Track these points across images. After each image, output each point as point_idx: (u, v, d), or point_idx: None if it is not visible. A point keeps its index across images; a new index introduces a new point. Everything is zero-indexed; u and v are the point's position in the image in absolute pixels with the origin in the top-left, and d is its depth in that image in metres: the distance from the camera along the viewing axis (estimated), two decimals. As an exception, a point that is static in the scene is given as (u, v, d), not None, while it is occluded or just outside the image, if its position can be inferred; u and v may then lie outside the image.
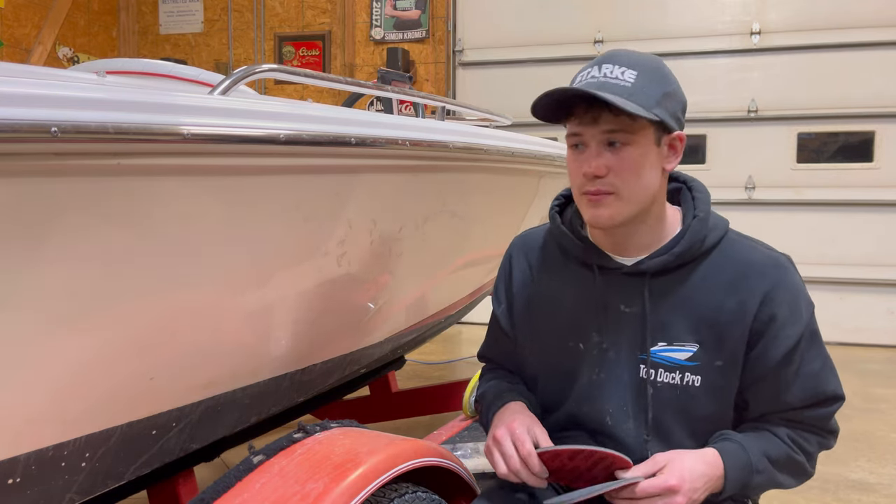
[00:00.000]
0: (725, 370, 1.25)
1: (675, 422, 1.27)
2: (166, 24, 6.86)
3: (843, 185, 5.36)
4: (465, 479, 1.51)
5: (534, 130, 2.51)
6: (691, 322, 1.25)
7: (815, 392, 1.28)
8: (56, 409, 1.08)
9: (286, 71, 1.44)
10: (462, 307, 2.75)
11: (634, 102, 1.15)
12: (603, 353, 1.30)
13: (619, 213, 1.21)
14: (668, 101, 1.20)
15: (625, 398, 1.29)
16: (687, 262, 1.26)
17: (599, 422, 1.31)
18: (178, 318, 1.22)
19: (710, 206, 1.29)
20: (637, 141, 1.18)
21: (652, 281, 1.27)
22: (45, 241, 0.95)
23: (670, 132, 1.22)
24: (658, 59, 1.25)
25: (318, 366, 1.73)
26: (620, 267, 1.28)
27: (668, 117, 1.19)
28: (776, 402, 1.29)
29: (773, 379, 1.26)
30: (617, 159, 1.18)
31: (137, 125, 0.95)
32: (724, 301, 1.24)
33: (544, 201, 2.71)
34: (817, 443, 1.31)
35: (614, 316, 1.29)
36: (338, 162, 1.39)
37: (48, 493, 1.12)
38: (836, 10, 5.28)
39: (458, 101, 4.80)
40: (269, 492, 1.22)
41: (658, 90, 1.19)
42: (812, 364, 1.27)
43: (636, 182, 1.19)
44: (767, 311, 1.23)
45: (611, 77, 1.18)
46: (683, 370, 1.26)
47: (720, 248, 1.27)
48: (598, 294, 1.30)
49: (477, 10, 6.09)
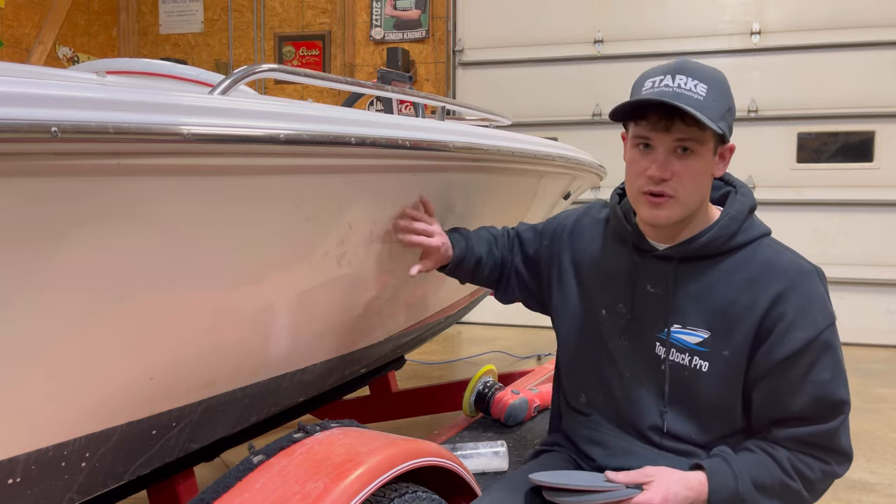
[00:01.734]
0: (731, 361, 1.31)
1: (684, 401, 1.35)
2: (166, 24, 6.86)
3: (843, 185, 5.36)
4: (465, 479, 1.51)
5: (534, 130, 2.51)
6: (706, 310, 1.33)
7: (819, 401, 1.28)
8: (56, 409, 1.08)
9: (286, 71, 1.44)
10: (462, 307, 2.75)
11: (706, 115, 1.23)
12: (627, 324, 1.42)
13: (675, 215, 1.32)
14: (730, 115, 1.30)
15: (641, 369, 1.39)
16: (714, 255, 1.35)
17: (619, 382, 1.42)
18: (178, 318, 1.22)
19: (748, 207, 1.38)
20: (702, 151, 1.28)
21: (679, 266, 1.37)
22: (45, 241, 0.95)
23: (726, 143, 1.32)
24: (722, 73, 1.33)
25: (318, 366, 1.73)
26: (653, 250, 1.39)
27: (727, 130, 1.29)
28: (779, 406, 1.30)
29: (776, 379, 1.29)
30: (683, 166, 1.28)
31: (137, 125, 0.95)
32: (738, 296, 1.31)
33: (544, 201, 2.72)
34: (820, 469, 1.30)
35: (641, 293, 1.40)
36: (338, 162, 1.39)
37: (48, 493, 1.12)
38: (836, 10, 5.28)
39: (458, 101, 4.80)
40: (269, 492, 1.22)
41: (724, 104, 1.28)
42: (821, 374, 1.28)
43: (694, 188, 1.30)
44: (777, 311, 1.28)
45: (685, 89, 1.26)
46: (693, 353, 1.34)
47: (750, 248, 1.35)
48: (630, 271, 1.42)
49: (477, 10, 6.09)
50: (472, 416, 2.32)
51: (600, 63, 5.79)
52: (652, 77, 1.31)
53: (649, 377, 1.38)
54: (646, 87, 1.30)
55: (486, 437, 2.07)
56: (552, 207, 2.93)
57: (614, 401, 1.42)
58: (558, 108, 5.87)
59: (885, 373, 4.58)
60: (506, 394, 2.27)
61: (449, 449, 1.68)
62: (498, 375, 2.42)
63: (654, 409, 1.37)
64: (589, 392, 1.48)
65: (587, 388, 1.48)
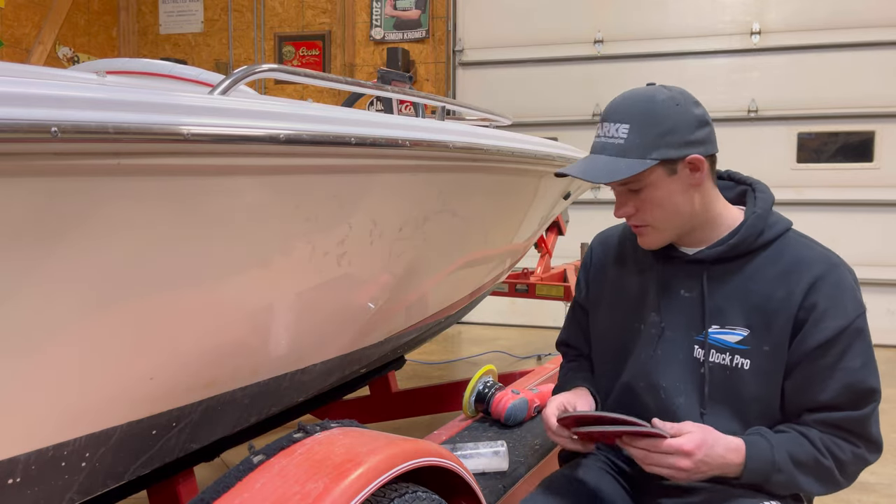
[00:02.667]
0: (772, 356, 1.32)
1: (726, 401, 1.36)
2: (166, 24, 6.86)
3: (843, 185, 5.37)
4: (465, 479, 1.51)
5: (534, 130, 2.51)
6: (743, 308, 1.35)
7: (849, 389, 1.29)
8: (56, 409, 1.08)
9: (286, 71, 1.44)
10: (462, 307, 2.75)
11: (630, 157, 1.29)
12: (661, 333, 1.42)
13: (661, 238, 1.39)
14: (668, 137, 1.30)
15: (679, 376, 1.39)
16: (743, 254, 1.37)
17: (654, 396, 1.42)
18: (179, 318, 1.22)
19: (770, 204, 1.41)
20: (649, 183, 1.32)
21: (710, 268, 1.39)
22: (45, 241, 0.95)
23: (681, 159, 1.31)
24: (651, 96, 1.33)
25: (318, 366, 1.73)
26: (683, 256, 1.41)
27: (670, 152, 1.30)
28: (810, 395, 1.31)
29: (809, 368, 1.31)
30: (639, 201, 1.35)
31: (137, 125, 0.95)
32: (774, 290, 1.33)
33: (544, 201, 2.72)
34: (851, 452, 1.30)
35: (675, 299, 1.42)
36: (338, 162, 1.39)
37: (48, 493, 1.12)
38: (836, 10, 5.29)
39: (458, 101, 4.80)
40: (269, 492, 1.22)
41: (652, 134, 1.30)
42: (852, 362, 1.30)
43: (663, 213, 1.35)
44: (810, 300, 1.30)
45: (608, 137, 1.33)
46: (733, 352, 1.35)
47: (778, 243, 1.37)
48: (661, 279, 1.43)
49: (477, 10, 6.09)
50: (472, 416, 2.32)
51: (600, 63, 5.80)
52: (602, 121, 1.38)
53: (688, 383, 1.39)
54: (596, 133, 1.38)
55: (486, 437, 2.07)
56: (552, 207, 2.93)
57: (652, 414, 1.37)
58: (558, 108, 5.87)
59: (886, 373, 4.56)
60: (506, 394, 2.26)
61: (449, 449, 1.68)
62: (498, 375, 2.41)
63: (695, 414, 1.37)
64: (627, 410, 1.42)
65: (625, 407, 1.45)
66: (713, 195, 1.38)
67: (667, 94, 1.33)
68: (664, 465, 1.26)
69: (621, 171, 1.29)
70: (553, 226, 4.30)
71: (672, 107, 1.31)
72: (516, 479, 1.88)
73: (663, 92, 1.33)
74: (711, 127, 1.35)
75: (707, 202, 1.37)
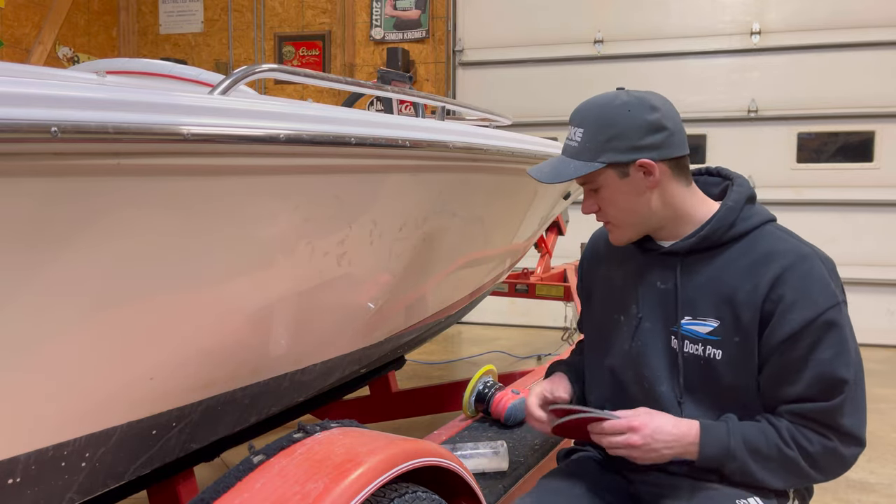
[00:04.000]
0: (743, 347, 1.35)
1: (702, 389, 1.39)
2: (166, 24, 6.86)
3: (843, 185, 5.37)
4: (465, 479, 1.51)
5: (534, 130, 2.51)
6: (714, 299, 1.38)
7: (820, 380, 1.30)
8: (56, 409, 1.08)
9: (286, 71, 1.44)
10: (462, 307, 2.75)
11: (582, 160, 1.37)
12: (639, 324, 1.46)
13: (624, 235, 1.45)
14: (616, 141, 1.36)
15: (658, 365, 1.43)
16: (715, 246, 1.40)
17: (639, 386, 1.46)
18: (179, 318, 1.22)
19: (744, 196, 1.42)
20: (603, 183, 1.39)
21: (684, 260, 1.42)
22: (44, 241, 0.95)
23: (630, 163, 1.36)
24: (607, 102, 1.39)
25: (318, 366, 1.73)
26: (658, 248, 1.46)
27: (617, 156, 1.36)
28: (782, 388, 1.33)
29: (779, 360, 1.32)
30: (598, 199, 1.43)
31: (137, 125, 0.95)
32: (742, 282, 1.35)
33: (544, 201, 2.72)
34: (820, 444, 1.31)
35: (651, 291, 1.46)
36: (338, 162, 1.39)
37: (48, 493, 1.12)
38: (836, 10, 5.29)
39: (458, 101, 4.80)
40: (269, 492, 1.22)
41: (600, 138, 1.36)
42: (822, 353, 1.30)
43: (618, 212, 1.42)
44: (777, 292, 1.32)
45: (569, 139, 1.42)
46: (705, 343, 1.38)
47: (752, 236, 1.39)
48: (639, 272, 1.48)
49: (477, 10, 6.09)
50: (472, 416, 2.32)
51: (600, 63, 5.80)
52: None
53: (667, 372, 1.42)
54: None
55: (486, 437, 2.07)
56: (552, 207, 2.93)
57: (640, 403, 1.43)
58: (558, 108, 5.86)
59: (886, 373, 4.59)
60: (506, 394, 2.26)
61: (449, 449, 1.68)
62: (498, 375, 2.41)
63: (674, 402, 1.41)
64: (613, 402, 1.49)
65: (611, 398, 1.51)
66: (680, 194, 1.40)
67: (623, 100, 1.37)
68: (621, 445, 1.34)
69: (569, 172, 1.38)
70: (553, 226, 4.30)
71: (623, 112, 1.36)
72: (516, 479, 1.88)
73: (621, 97, 1.38)
74: (669, 131, 1.36)
75: (671, 201, 1.40)
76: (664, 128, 1.37)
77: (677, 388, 1.41)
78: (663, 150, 1.37)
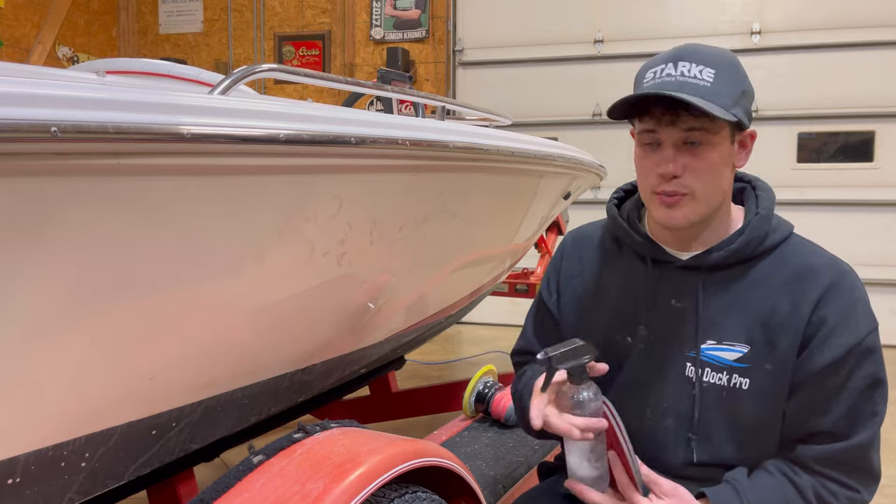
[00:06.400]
0: (775, 375, 1.19)
1: (720, 425, 1.22)
2: (166, 23, 6.86)
3: (843, 185, 5.37)
4: (466, 479, 1.51)
5: (534, 130, 2.51)
6: (744, 322, 1.21)
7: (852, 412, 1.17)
8: (56, 409, 1.08)
9: (286, 71, 1.44)
10: (462, 307, 2.75)
11: (714, 103, 1.12)
12: (650, 348, 1.27)
13: (694, 213, 1.19)
14: (745, 99, 1.18)
15: (667, 396, 1.25)
16: (745, 260, 1.23)
17: (639, 417, 1.27)
18: (179, 318, 1.22)
19: (773, 204, 1.27)
20: (715, 141, 1.16)
21: (707, 276, 1.24)
22: (44, 240, 0.95)
23: (744, 130, 1.20)
24: (733, 55, 1.22)
25: (318, 366, 1.73)
26: (675, 260, 1.26)
27: (744, 116, 1.17)
28: (811, 419, 1.19)
29: (813, 389, 1.18)
30: (695, 160, 1.16)
31: (137, 125, 0.95)
32: (778, 302, 1.19)
33: (544, 201, 2.71)
34: (847, 499, 1.19)
35: (664, 310, 1.26)
36: (338, 162, 1.38)
37: (48, 493, 1.12)
38: (836, 10, 5.28)
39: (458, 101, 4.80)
40: (269, 492, 1.22)
41: (737, 89, 1.16)
42: (858, 382, 1.17)
43: (712, 182, 1.18)
44: (820, 314, 1.17)
45: (689, 76, 1.14)
46: (731, 371, 1.21)
47: (781, 249, 1.24)
48: (648, 287, 1.28)
49: (477, 9, 6.09)
50: (472, 416, 2.32)
51: (600, 63, 5.80)
52: (653, 67, 1.19)
53: (677, 405, 1.25)
54: (647, 78, 1.19)
55: (486, 437, 2.07)
56: (552, 207, 2.93)
57: (640, 437, 1.24)
58: (558, 108, 5.87)
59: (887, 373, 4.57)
60: (506, 394, 2.26)
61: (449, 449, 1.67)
62: (498, 375, 2.41)
63: (683, 439, 1.24)
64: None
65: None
66: (731, 185, 1.26)
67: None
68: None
69: (713, 109, 1.11)
70: (553, 226, 4.30)
71: (745, 72, 1.20)
72: (516, 479, 1.88)
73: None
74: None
75: (730, 190, 1.25)
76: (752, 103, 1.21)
77: (688, 422, 1.23)
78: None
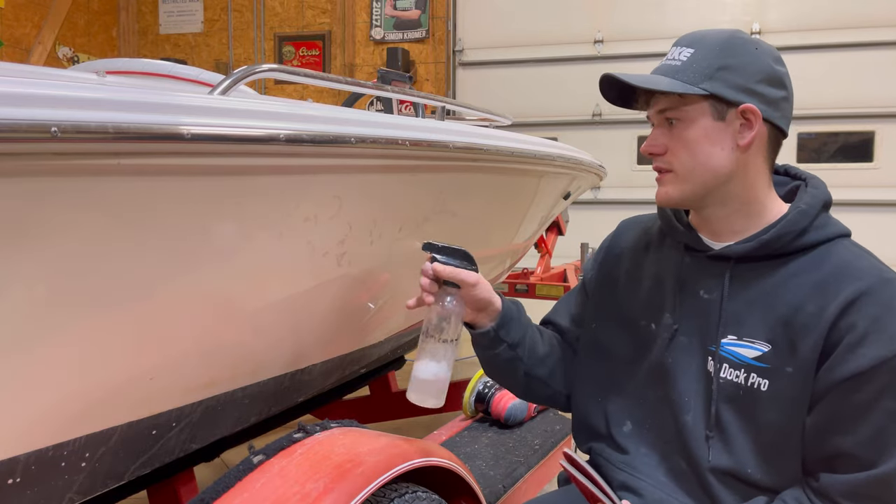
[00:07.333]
0: (796, 379, 1.11)
1: (737, 426, 1.16)
2: (166, 24, 6.86)
3: (843, 185, 5.36)
4: (466, 479, 1.51)
5: (534, 130, 2.51)
6: (767, 319, 1.14)
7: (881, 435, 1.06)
8: (56, 409, 1.08)
9: (286, 71, 1.44)
10: (462, 307, 2.74)
11: (680, 80, 1.14)
12: (674, 337, 1.24)
13: (676, 191, 1.19)
14: (729, 73, 1.14)
15: (689, 389, 1.21)
16: (778, 255, 1.17)
17: (664, 408, 1.24)
18: (179, 318, 1.22)
19: (821, 201, 1.21)
20: (690, 117, 1.15)
21: (735, 268, 1.19)
22: (44, 240, 0.95)
23: (735, 105, 1.15)
24: (733, 32, 1.20)
25: (318, 366, 1.73)
26: (707, 250, 1.22)
27: (724, 90, 1.13)
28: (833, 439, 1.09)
29: (836, 404, 1.09)
30: (672, 137, 1.18)
31: (137, 125, 0.95)
32: (806, 301, 1.12)
33: (544, 201, 2.71)
34: None
35: (691, 299, 1.23)
36: (338, 162, 1.38)
37: (48, 493, 1.12)
38: (836, 10, 5.29)
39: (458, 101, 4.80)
40: (269, 492, 1.22)
41: (713, 63, 1.14)
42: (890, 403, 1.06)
43: (692, 159, 1.16)
44: (848, 319, 1.08)
45: (669, 59, 1.19)
46: (749, 370, 1.15)
47: (823, 249, 1.17)
48: (680, 275, 1.25)
49: (477, 10, 6.09)
50: (472, 416, 2.32)
51: (600, 63, 5.79)
52: None
53: (697, 399, 1.20)
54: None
55: (486, 437, 2.07)
56: (552, 207, 2.93)
57: (660, 431, 1.23)
58: (558, 108, 5.87)
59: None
60: (506, 394, 2.26)
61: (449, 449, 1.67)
62: (498, 375, 2.41)
63: (700, 436, 1.18)
64: (634, 420, 1.29)
65: (632, 415, 1.29)
66: (762, 177, 1.20)
67: (752, 38, 1.19)
68: None
69: (663, 84, 1.14)
70: (553, 226, 4.30)
71: (750, 48, 1.16)
72: (516, 479, 1.88)
73: (748, 36, 1.19)
74: (787, 94, 1.20)
75: (750, 181, 1.18)
76: (785, 87, 1.19)
77: (706, 419, 1.18)
78: (774, 111, 1.16)
